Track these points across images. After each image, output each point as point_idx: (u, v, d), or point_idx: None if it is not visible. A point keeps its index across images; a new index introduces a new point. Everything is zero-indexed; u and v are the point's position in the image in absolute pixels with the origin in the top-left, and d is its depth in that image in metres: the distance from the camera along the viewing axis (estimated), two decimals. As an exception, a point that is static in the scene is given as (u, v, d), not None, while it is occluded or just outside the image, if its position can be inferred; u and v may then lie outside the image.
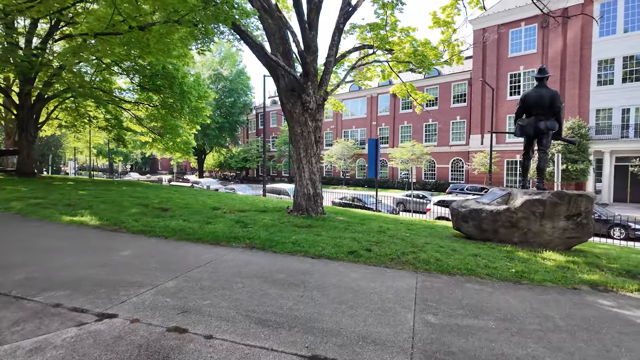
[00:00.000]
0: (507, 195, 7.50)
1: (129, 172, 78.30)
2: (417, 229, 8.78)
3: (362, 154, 41.92)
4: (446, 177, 36.26)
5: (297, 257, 5.34)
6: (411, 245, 6.45)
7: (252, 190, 27.21)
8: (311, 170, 9.51)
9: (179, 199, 11.56)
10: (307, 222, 8.16)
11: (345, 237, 6.66)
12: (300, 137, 9.48)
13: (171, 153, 28.23)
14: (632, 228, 14.28)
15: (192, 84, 20.56)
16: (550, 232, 6.84)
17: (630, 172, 25.36)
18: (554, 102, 6.89)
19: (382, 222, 9.30)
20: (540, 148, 7.10)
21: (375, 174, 18.09)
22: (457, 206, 7.88)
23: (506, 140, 31.65)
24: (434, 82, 36.93)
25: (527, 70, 30.19)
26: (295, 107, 9.40)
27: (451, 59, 13.66)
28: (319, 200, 9.64)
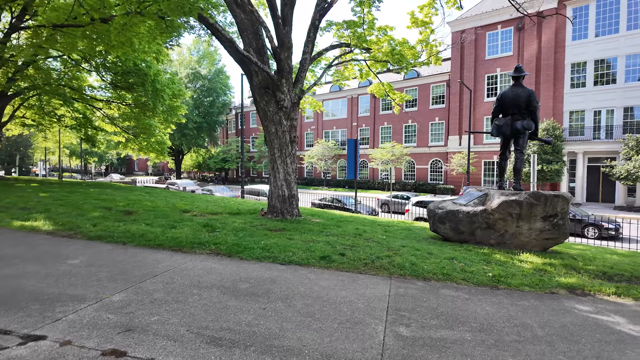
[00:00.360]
0: (484, 196, 7.36)
1: (110, 173, 75.70)
2: (394, 230, 8.57)
3: (343, 154, 41.80)
4: (425, 177, 36.53)
5: (265, 264, 4.99)
6: (387, 248, 6.20)
7: (231, 192, 26.62)
8: (286, 170, 9.17)
9: (147, 202, 11.00)
10: (281, 225, 7.82)
11: (318, 241, 6.35)
12: (274, 137, 9.13)
13: (145, 153, 27.35)
14: (604, 227, 14.54)
15: (165, 82, 19.87)
16: (527, 233, 6.73)
17: (602, 173, 26.08)
18: (530, 102, 6.79)
19: (359, 225, 9.05)
20: (516, 148, 6.99)
21: (354, 174, 17.89)
22: (434, 207, 7.70)
23: (484, 141, 32.10)
24: (413, 84, 37.16)
25: (503, 72, 30.70)
26: (269, 105, 9.04)
27: (429, 59, 13.61)
28: (294, 202, 9.31)
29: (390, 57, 11.27)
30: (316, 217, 10.14)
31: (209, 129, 53.57)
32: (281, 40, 8.87)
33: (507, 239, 6.86)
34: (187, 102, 49.64)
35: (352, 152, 18.08)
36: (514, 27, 30.10)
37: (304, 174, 47.46)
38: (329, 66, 11.13)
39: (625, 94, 25.38)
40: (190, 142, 52.64)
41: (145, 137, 25.22)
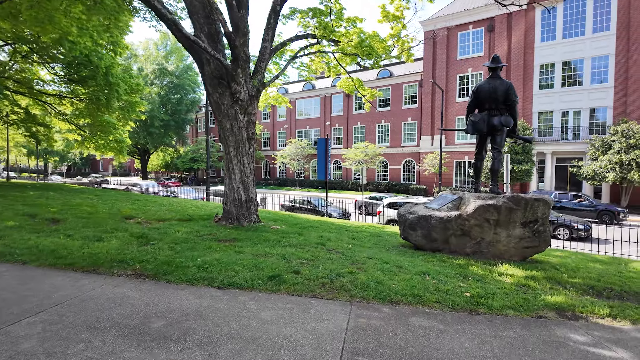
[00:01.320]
0: (459, 200, 6.68)
1: (52, 173, 71.33)
2: (362, 237, 7.77)
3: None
4: (399, 178, 36.28)
5: (197, 289, 4.03)
6: (351, 261, 5.37)
7: (196, 193, 25.22)
8: (243, 171, 8.19)
9: (87, 207, 9.73)
10: (234, 234, 6.84)
11: (272, 255, 5.43)
12: (229, 133, 8.13)
13: (102, 152, 25.52)
14: (575, 228, 14.37)
15: (121, 75, 18.36)
16: (505, 241, 6.07)
17: (570, 173, 26.48)
18: (509, 96, 6.15)
19: (324, 231, 8.20)
20: (494, 147, 6.34)
21: (325, 175, 17.06)
22: (404, 212, 6.95)
23: (455, 142, 32.11)
24: (386, 83, 36.82)
25: (475, 73, 30.77)
26: (223, 97, 8.04)
27: (401, 55, 12.97)
28: (252, 207, 8.34)
29: (359, 49, 10.49)
30: (279, 222, 9.21)
31: (176, 128, 51.45)
32: (236, 25, 7.89)
33: (484, 248, 6.19)
34: (153, 99, 47.47)
35: (323, 151, 17.25)
36: (485, 28, 30.22)
37: (276, 174, 46.34)
38: (293, 58, 10.23)
39: (590, 96, 25.86)
40: (156, 141, 50.35)
41: (102, 135, 23.49)
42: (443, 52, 32.29)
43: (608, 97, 25.20)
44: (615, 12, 24.71)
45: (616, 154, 22.22)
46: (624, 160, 21.65)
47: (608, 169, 22.21)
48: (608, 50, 25.00)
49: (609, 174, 21.97)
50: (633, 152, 21.52)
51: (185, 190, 26.55)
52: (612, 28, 24.83)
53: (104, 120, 20.97)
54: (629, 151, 21.84)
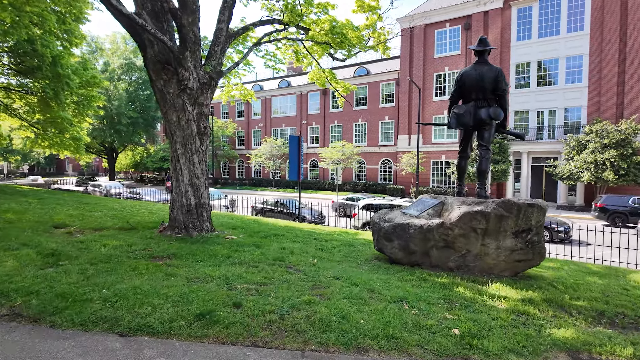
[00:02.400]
0: (440, 206, 5.76)
1: (8, 174, 67.09)
2: (331, 248, 6.76)
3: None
4: (376, 178, 35.62)
5: (89, 337, 2.90)
6: (312, 284, 4.34)
7: (163, 195, 23.61)
8: (193, 172, 7.03)
9: (14, 212, 8.31)
10: (174, 249, 5.69)
11: (212, 278, 4.33)
12: (176, 127, 6.95)
13: (58, 151, 23.57)
14: (555, 230, 13.89)
15: (73, 66, 16.70)
16: (494, 254, 5.19)
17: (545, 172, 26.44)
18: (498, 84, 5.27)
19: (288, 241, 7.14)
20: (481, 144, 5.46)
21: (298, 175, 16.02)
22: (379, 220, 5.97)
23: (432, 141, 31.70)
24: (363, 81, 36.09)
25: (452, 71, 30.40)
26: (169, 85, 6.86)
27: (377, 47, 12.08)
28: (204, 213, 7.18)
29: (331, 37, 9.49)
30: (238, 230, 8.08)
31: (146, 125, 49.07)
32: (183, 1, 6.72)
33: (470, 261, 5.29)
34: (120, 95, 45.10)
35: (295, 150, 16.21)
36: (461, 26, 29.89)
37: (251, 174, 44.90)
38: (257, 44, 9.10)
39: (565, 95, 25.87)
40: (124, 139, 47.85)
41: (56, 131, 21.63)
42: (420, 50, 31.81)
43: (582, 97, 25.26)
44: (589, 12, 24.77)
45: (591, 153, 22.19)
46: (599, 160, 21.62)
47: (583, 169, 22.15)
48: (582, 50, 25.04)
49: (584, 173, 21.90)
50: (607, 151, 21.51)
51: (150, 191, 24.87)
52: (586, 28, 24.89)
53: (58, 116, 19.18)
54: (603, 151, 21.84)
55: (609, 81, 24.30)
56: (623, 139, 21.68)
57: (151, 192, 24.66)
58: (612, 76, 24.26)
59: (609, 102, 24.40)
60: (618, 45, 24.04)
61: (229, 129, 43.27)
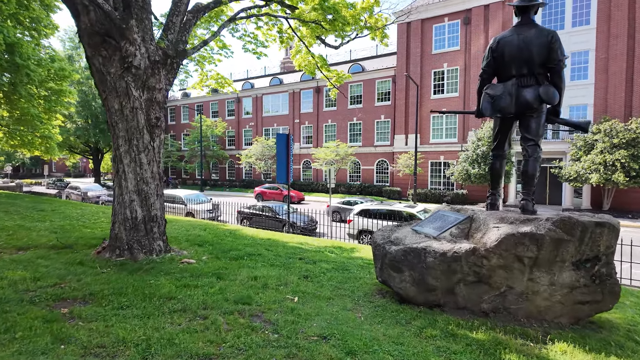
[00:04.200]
0: (468, 222, 4.23)
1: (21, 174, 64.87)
2: (319, 274, 5.19)
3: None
4: (371, 179, 34.12)
5: None
6: (284, 354, 2.78)
7: (141, 198, 21.87)
8: (140, 176, 5.43)
9: None
10: (98, 284, 4.09)
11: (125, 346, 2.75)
12: (118, 118, 5.36)
13: (28, 150, 21.80)
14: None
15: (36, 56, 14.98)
16: (546, 292, 3.68)
17: (549, 174, 25.12)
18: (551, 53, 3.75)
19: (265, 264, 5.57)
20: (526, 137, 3.95)
21: (286, 177, 14.45)
22: (383, 241, 4.42)
23: (430, 141, 30.29)
24: (358, 79, 34.59)
25: (450, 68, 29.02)
26: (110, 63, 5.27)
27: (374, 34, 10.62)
28: (155, 229, 5.58)
29: (321, 14, 7.94)
30: (206, 247, 6.50)
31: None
32: (125, -49, 5.14)
33: (512, 302, 3.77)
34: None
35: (284, 149, 14.62)
36: (461, 20, 28.52)
37: (242, 175, 43.18)
38: (231, 19, 7.50)
39: (570, 93, 24.53)
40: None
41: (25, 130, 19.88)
42: (417, 46, 30.39)
43: (588, 95, 23.98)
44: (596, 6, 23.51)
45: (599, 154, 20.87)
46: (608, 161, 20.30)
47: (591, 170, 20.82)
48: (588, 45, 23.78)
49: (593, 175, 20.56)
50: (617, 152, 20.21)
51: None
52: (592, 22, 23.63)
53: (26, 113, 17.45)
54: (613, 151, 20.53)
55: (616, 78, 23.03)
56: (634, 138, 20.38)
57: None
58: (619, 72, 22.99)
59: (617, 100, 23.14)
60: (626, 40, 22.77)
61: (219, 129, 41.55)
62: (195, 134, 41.15)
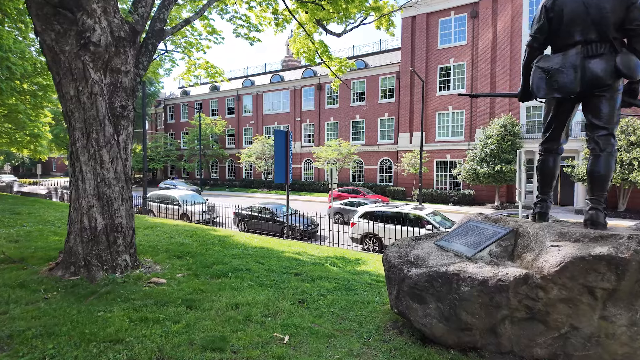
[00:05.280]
0: (512, 238, 3.24)
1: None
2: (318, 297, 4.22)
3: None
4: (375, 178, 33.12)
5: None
6: None
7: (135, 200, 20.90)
8: (101, 176, 4.48)
9: None
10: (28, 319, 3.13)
11: None
12: (74, 106, 4.41)
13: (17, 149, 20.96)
14: None
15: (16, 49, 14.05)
16: (626, 335, 2.69)
17: (561, 173, 24.01)
18: (630, 12, 2.76)
19: (253, 284, 4.60)
20: (596, 124, 2.94)
21: (285, 177, 13.50)
22: (399, 259, 3.44)
23: (436, 139, 29.27)
24: (361, 75, 33.57)
25: (457, 63, 27.98)
26: (64, 40, 4.32)
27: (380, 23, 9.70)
28: (119, 241, 4.62)
29: (323, -8, 6.97)
30: (186, 259, 5.54)
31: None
32: None
33: (576, 348, 2.78)
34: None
35: (282, 147, 13.66)
36: (468, 14, 27.47)
37: (242, 174, 42.27)
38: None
39: (584, 88, 23.45)
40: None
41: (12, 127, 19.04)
42: (422, 41, 29.34)
43: (603, 90, 22.84)
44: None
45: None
46: (625, 160, 19.24)
47: (608, 169, 19.72)
48: (603, 38, 22.64)
49: (609, 174, 19.46)
50: (635, 150, 19.16)
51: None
52: (607, 14, 22.49)
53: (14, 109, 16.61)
54: (630, 149, 19.47)
55: (633, 72, 21.90)
56: (652, 135, 19.33)
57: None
58: (636, 67, 21.87)
59: (633, 96, 22.01)
60: (643, 32, 21.66)
61: (218, 127, 40.63)
62: (194, 132, 40.24)
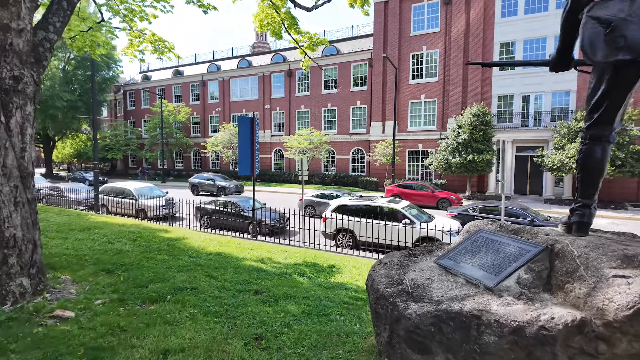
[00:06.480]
0: (546, 257, 2.35)
1: None
2: (281, 327, 3.23)
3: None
4: (347, 169, 32.38)
5: None
6: None
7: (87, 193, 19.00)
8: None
9: None
10: None
11: None
12: None
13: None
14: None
15: None
16: None
17: (530, 163, 24.18)
18: None
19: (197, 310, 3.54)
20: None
21: (251, 168, 12.34)
22: (391, 288, 2.48)
23: (408, 128, 28.79)
24: (332, 62, 32.47)
25: (430, 51, 27.43)
26: None
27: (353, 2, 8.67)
28: (13, 260, 3.38)
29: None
30: (117, 275, 4.39)
31: (87, 110, 43.02)
32: None
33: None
34: (54, 73, 38.98)
35: (247, 135, 12.49)
36: (441, 0, 26.86)
37: (208, 165, 40.38)
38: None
39: (553, 78, 23.52)
40: (61, 126, 41.74)
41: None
42: (395, 27, 28.55)
43: (572, 80, 23.03)
44: (581, -14, 22.36)
45: (584, 142, 19.88)
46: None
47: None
48: (572, 28, 22.66)
49: (578, 164, 19.55)
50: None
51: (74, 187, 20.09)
52: (577, 3, 22.48)
53: None
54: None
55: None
56: (619, 125, 19.53)
57: (78, 188, 19.95)
58: (604, 57, 22.07)
59: (601, 86, 22.26)
60: (611, 23, 21.82)
61: (182, 114, 38.41)
62: (156, 119, 37.82)
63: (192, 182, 27.70)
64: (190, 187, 27.63)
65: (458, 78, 26.20)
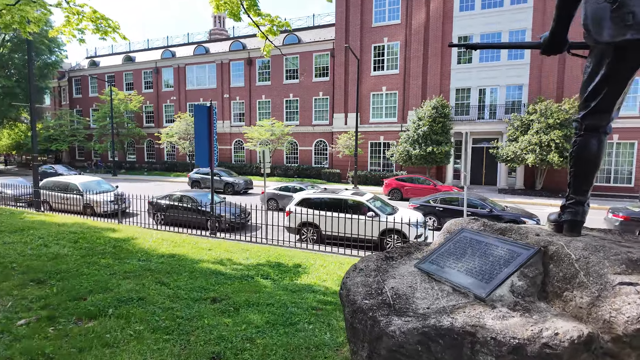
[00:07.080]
0: (539, 261, 2.13)
1: None
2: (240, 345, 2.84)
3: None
4: (310, 160, 32.04)
5: None
6: None
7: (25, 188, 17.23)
8: None
9: None
10: None
11: None
12: None
13: None
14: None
15: None
16: None
17: (485, 154, 25.11)
18: None
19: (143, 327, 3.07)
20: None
21: (209, 160, 11.66)
22: (369, 298, 2.17)
23: (370, 120, 28.91)
24: (294, 51, 31.76)
25: (391, 43, 27.54)
26: None
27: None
28: None
29: None
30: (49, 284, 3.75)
31: (26, 97, 39.31)
32: None
33: None
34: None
35: (205, 126, 11.81)
36: (402, -8, 26.95)
37: (163, 156, 38.47)
38: None
39: (507, 72, 24.50)
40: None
41: None
42: (357, 18, 28.37)
43: (524, 75, 24.06)
44: (533, -16, 23.31)
45: (535, 134, 20.90)
46: (544, 141, 20.37)
47: (528, 150, 20.80)
48: (525, 24, 23.63)
49: (529, 155, 20.55)
50: (552, 132, 20.36)
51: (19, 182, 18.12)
52: (530, 0, 23.42)
53: None
54: (548, 131, 20.65)
55: (550, 58, 23.18)
56: (567, 118, 20.68)
57: (18, 183, 18.02)
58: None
59: (550, 81, 23.46)
60: (560, 20, 22.92)
61: (134, 103, 36.14)
62: (105, 108, 35.28)
63: (192, 178, 24.95)
64: (190, 184, 25.06)
65: (418, 71, 26.55)
